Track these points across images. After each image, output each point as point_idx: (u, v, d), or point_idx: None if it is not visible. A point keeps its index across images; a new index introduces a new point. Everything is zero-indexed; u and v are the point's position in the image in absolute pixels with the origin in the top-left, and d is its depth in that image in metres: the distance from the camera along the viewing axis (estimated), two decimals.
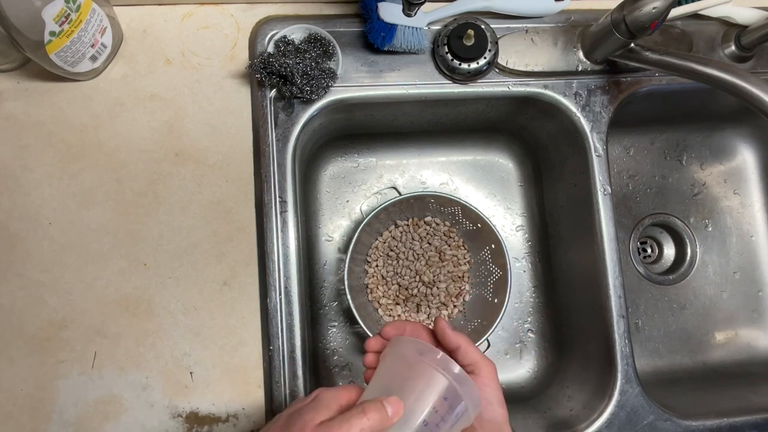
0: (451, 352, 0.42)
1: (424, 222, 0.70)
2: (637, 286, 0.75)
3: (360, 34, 0.59)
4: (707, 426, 0.58)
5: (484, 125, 0.71)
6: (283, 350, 0.53)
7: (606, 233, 0.60)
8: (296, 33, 0.56)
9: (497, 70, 0.60)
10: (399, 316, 0.68)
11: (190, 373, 0.53)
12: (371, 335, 0.60)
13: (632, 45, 0.56)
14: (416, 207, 0.68)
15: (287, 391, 0.53)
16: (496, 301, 0.65)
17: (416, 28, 0.57)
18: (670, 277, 0.76)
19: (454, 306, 0.69)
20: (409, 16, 0.55)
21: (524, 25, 0.61)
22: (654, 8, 0.50)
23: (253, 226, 0.56)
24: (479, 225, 0.66)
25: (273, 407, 0.53)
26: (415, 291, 0.69)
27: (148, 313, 0.53)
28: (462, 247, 0.70)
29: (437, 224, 0.70)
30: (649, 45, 0.56)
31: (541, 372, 0.71)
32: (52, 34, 0.47)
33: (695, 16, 0.64)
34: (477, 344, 0.62)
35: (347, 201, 0.72)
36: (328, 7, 0.60)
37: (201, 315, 0.54)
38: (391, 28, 0.55)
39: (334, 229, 0.71)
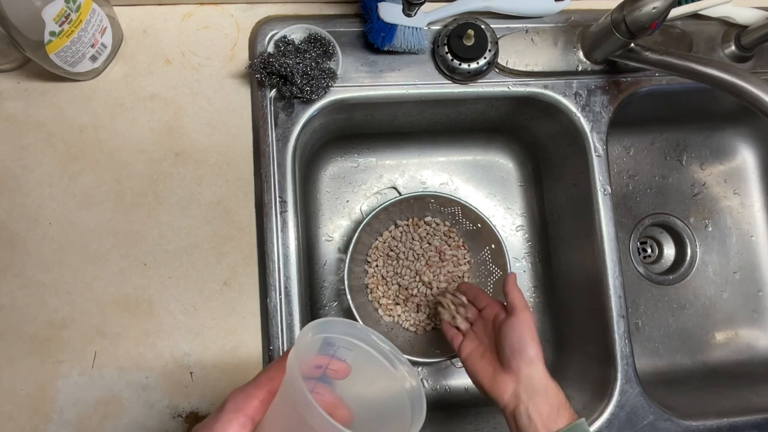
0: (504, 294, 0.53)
1: (424, 222, 0.70)
2: (637, 286, 0.75)
3: (360, 34, 0.59)
4: (707, 426, 0.58)
5: (484, 125, 0.71)
6: (283, 350, 0.53)
7: (606, 233, 0.60)
8: (296, 33, 0.56)
9: (497, 70, 0.60)
10: (399, 315, 0.68)
11: (190, 373, 0.53)
12: None
13: (632, 45, 0.56)
14: (416, 207, 0.68)
15: None
16: None
17: (416, 28, 0.57)
18: (670, 277, 0.76)
19: None
20: (409, 16, 0.55)
21: (524, 25, 0.61)
22: (654, 8, 0.50)
23: (253, 226, 0.56)
24: (479, 225, 0.66)
25: None
26: (415, 291, 0.68)
27: (148, 313, 0.53)
28: (462, 247, 0.70)
29: (437, 224, 0.70)
30: (649, 45, 0.56)
31: None
32: (52, 34, 0.47)
33: (695, 16, 0.64)
34: None
35: (347, 201, 0.72)
36: (328, 7, 0.60)
37: (201, 315, 0.54)
38: (391, 28, 0.55)
39: (334, 229, 0.71)
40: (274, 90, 0.56)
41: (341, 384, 0.34)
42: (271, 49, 0.55)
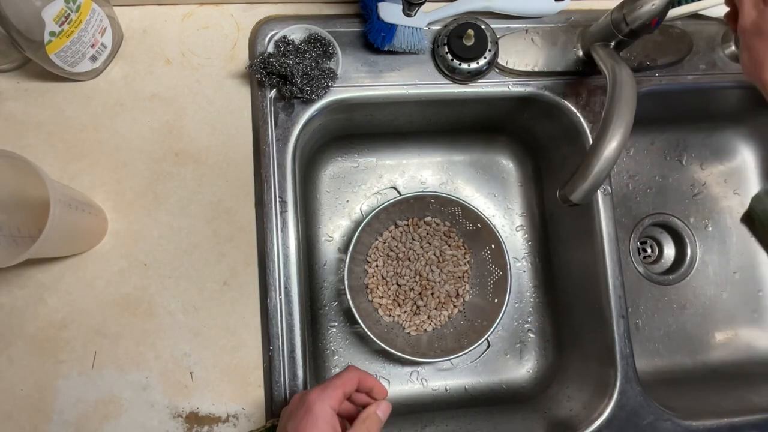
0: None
1: (424, 222, 0.70)
2: (637, 286, 0.75)
3: (360, 34, 0.59)
4: (707, 426, 0.58)
5: (484, 125, 0.71)
6: (283, 350, 0.53)
7: (606, 233, 0.60)
8: (296, 33, 0.56)
9: (497, 70, 0.60)
10: (399, 316, 0.68)
11: (190, 373, 0.53)
12: (371, 335, 0.60)
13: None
14: (416, 207, 0.68)
15: (287, 391, 0.53)
16: (496, 301, 0.65)
17: (416, 28, 0.57)
18: (670, 277, 0.76)
19: (454, 306, 0.69)
20: (409, 16, 0.55)
21: (524, 25, 0.61)
22: (653, 4, 0.50)
23: (253, 226, 0.56)
24: (479, 225, 0.66)
25: (273, 407, 0.53)
26: (416, 291, 0.69)
27: (148, 313, 0.53)
28: (462, 247, 0.70)
29: (437, 224, 0.70)
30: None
31: (541, 372, 0.71)
32: (52, 34, 0.47)
33: (695, 16, 0.64)
34: (477, 344, 0.62)
35: (347, 201, 0.72)
36: (328, 7, 0.60)
37: (201, 315, 0.54)
38: (391, 28, 0.55)
39: (334, 229, 0.71)
40: (274, 90, 0.56)
41: None
42: (271, 49, 0.55)
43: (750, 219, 0.50)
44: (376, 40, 0.56)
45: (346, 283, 0.61)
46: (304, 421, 0.40)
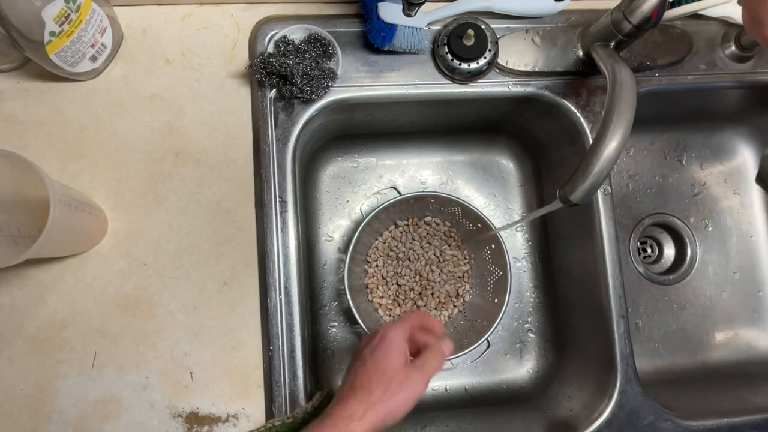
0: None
1: (424, 222, 0.70)
2: (637, 286, 0.75)
3: (360, 34, 0.59)
4: (707, 426, 0.58)
5: (484, 125, 0.71)
6: (283, 350, 0.53)
7: (606, 233, 0.60)
8: (296, 33, 0.56)
9: (497, 70, 0.60)
10: (399, 316, 0.68)
11: (190, 373, 0.53)
12: None
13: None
14: (416, 207, 0.68)
15: (287, 391, 0.53)
16: (496, 301, 0.65)
17: (416, 28, 0.57)
18: (670, 277, 0.76)
19: (454, 306, 0.69)
20: (409, 16, 0.55)
21: (524, 25, 0.61)
22: None
23: (253, 226, 0.56)
24: (479, 225, 0.66)
25: (273, 407, 0.53)
26: (416, 291, 0.69)
27: (148, 313, 0.53)
28: (462, 247, 0.70)
29: (437, 224, 0.70)
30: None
31: (541, 372, 0.71)
32: (52, 34, 0.47)
33: (695, 16, 0.64)
34: (477, 344, 0.62)
35: (347, 201, 0.72)
36: (328, 7, 0.60)
37: (201, 315, 0.54)
38: (391, 28, 0.55)
39: (334, 229, 0.71)
40: (274, 90, 0.56)
41: None
42: (271, 49, 0.55)
43: (762, 180, 0.51)
44: (376, 40, 0.56)
45: (346, 283, 0.61)
46: (379, 345, 0.45)
